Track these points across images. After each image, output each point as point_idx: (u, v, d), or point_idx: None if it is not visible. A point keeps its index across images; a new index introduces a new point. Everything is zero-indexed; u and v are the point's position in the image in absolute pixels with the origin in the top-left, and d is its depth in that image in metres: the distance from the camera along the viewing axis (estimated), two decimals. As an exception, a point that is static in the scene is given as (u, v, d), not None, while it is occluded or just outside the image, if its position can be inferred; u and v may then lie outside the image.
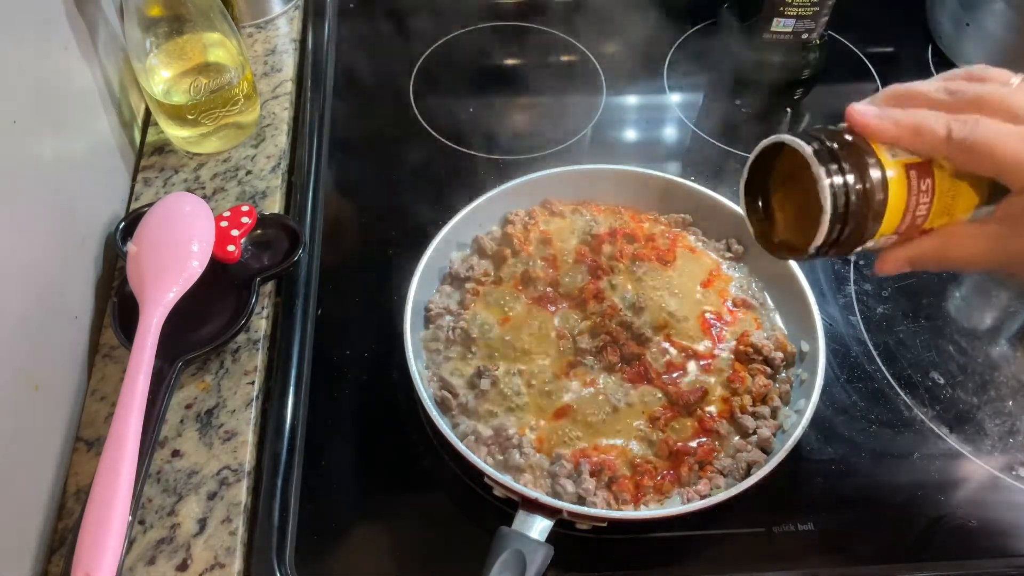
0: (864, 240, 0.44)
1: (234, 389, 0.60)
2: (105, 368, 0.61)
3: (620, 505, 0.54)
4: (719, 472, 0.56)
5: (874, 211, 0.43)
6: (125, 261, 0.61)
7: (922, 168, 0.43)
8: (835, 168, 0.42)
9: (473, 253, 0.68)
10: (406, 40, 0.92)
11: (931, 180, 0.43)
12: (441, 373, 0.60)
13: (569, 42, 0.93)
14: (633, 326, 0.62)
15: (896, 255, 0.46)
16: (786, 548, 0.56)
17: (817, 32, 0.84)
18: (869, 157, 0.42)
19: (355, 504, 0.58)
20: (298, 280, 0.67)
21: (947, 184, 0.44)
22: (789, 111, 0.88)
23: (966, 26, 0.89)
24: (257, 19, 0.87)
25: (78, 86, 0.65)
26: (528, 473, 0.55)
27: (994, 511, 0.59)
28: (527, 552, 0.49)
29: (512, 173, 0.71)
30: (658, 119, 0.87)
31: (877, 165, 0.42)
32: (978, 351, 0.68)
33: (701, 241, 0.69)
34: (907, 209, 0.43)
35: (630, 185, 0.71)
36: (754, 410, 0.59)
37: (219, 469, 0.56)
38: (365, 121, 0.84)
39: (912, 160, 0.43)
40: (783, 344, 0.62)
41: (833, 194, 0.42)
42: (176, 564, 0.52)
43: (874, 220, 0.43)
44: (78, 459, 0.56)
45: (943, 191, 0.44)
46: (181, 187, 0.72)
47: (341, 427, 0.62)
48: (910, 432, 0.63)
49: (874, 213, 0.43)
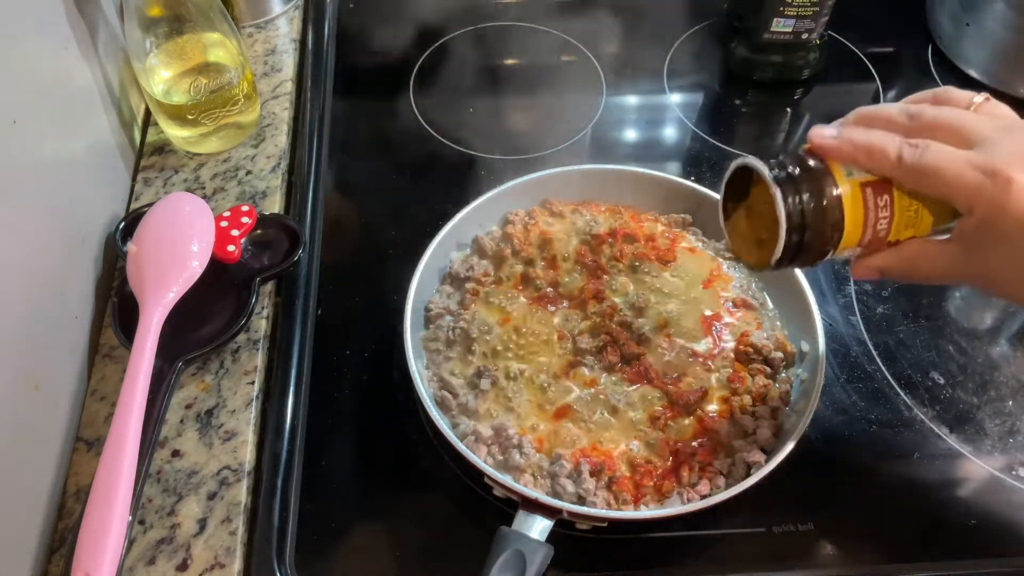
0: (827, 251, 0.47)
1: (234, 389, 0.60)
2: (105, 368, 0.61)
3: (620, 505, 0.54)
4: (719, 472, 0.56)
5: (830, 225, 0.46)
6: (125, 261, 0.61)
7: (878, 186, 0.46)
8: (790, 187, 0.46)
9: (473, 253, 0.68)
10: (406, 40, 0.92)
11: (889, 196, 0.46)
12: (441, 373, 0.60)
13: (569, 42, 0.93)
14: (633, 326, 0.62)
15: (866, 263, 0.49)
16: (786, 548, 0.56)
17: (817, 32, 0.84)
18: (825, 177, 0.46)
19: (355, 504, 0.58)
20: (298, 280, 0.67)
21: (906, 201, 0.46)
22: (789, 111, 0.88)
23: (966, 26, 0.89)
24: (257, 19, 0.87)
25: (78, 86, 0.65)
26: (528, 473, 0.55)
27: (994, 511, 0.59)
28: (527, 552, 0.49)
29: (512, 173, 0.71)
30: (658, 119, 0.87)
31: (832, 184, 0.46)
32: (978, 351, 0.68)
33: (701, 241, 0.69)
34: (866, 224, 0.46)
35: (630, 185, 0.71)
36: (754, 410, 0.59)
37: (219, 469, 0.56)
38: (365, 121, 0.84)
39: (868, 179, 0.46)
40: (783, 344, 0.62)
41: (788, 210, 0.45)
42: (176, 564, 0.52)
43: (833, 232, 0.46)
44: (78, 459, 0.56)
45: (903, 207, 0.46)
46: (181, 187, 0.72)
47: (341, 427, 0.62)
48: (910, 432, 0.63)
49: (831, 227, 0.46)
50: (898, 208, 0.46)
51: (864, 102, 0.87)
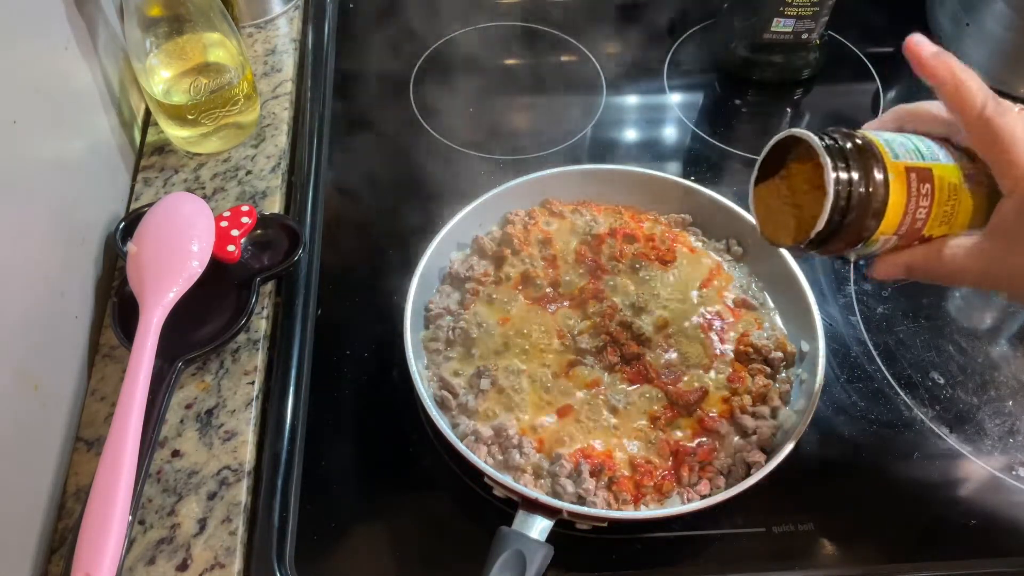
0: (863, 234, 0.46)
1: (234, 389, 0.60)
2: (105, 368, 0.61)
3: (620, 505, 0.54)
4: (719, 472, 0.56)
5: (874, 207, 0.45)
6: (125, 261, 0.61)
7: (923, 173, 0.45)
8: (842, 162, 0.44)
9: (473, 253, 0.68)
10: (406, 40, 0.92)
11: (931, 186, 0.45)
12: (441, 373, 0.60)
13: (569, 42, 0.93)
14: (633, 326, 0.62)
15: (893, 259, 0.48)
16: (786, 548, 0.56)
17: (817, 32, 0.84)
18: (874, 157, 0.45)
19: (355, 504, 0.58)
20: (298, 280, 0.67)
21: (946, 193, 0.46)
22: (789, 111, 0.88)
23: (966, 26, 0.89)
24: (257, 19, 0.87)
25: (78, 86, 0.65)
26: (528, 473, 0.55)
27: (994, 511, 0.59)
28: (527, 552, 0.49)
29: (512, 173, 0.71)
30: (658, 119, 0.87)
31: (881, 165, 0.44)
32: (978, 351, 0.68)
33: (701, 241, 0.69)
34: (906, 211, 0.45)
35: (630, 185, 0.71)
36: (754, 410, 0.59)
37: (219, 469, 0.56)
38: (365, 121, 0.84)
39: (914, 164, 0.45)
40: (783, 344, 0.62)
41: (837, 185, 0.44)
42: (176, 564, 0.52)
43: (874, 216, 0.45)
44: (78, 459, 0.56)
45: (942, 200, 0.46)
46: (181, 187, 0.72)
47: (341, 427, 0.62)
48: (910, 432, 0.63)
49: (874, 209, 0.45)
50: (937, 200, 0.45)
51: (864, 102, 0.88)
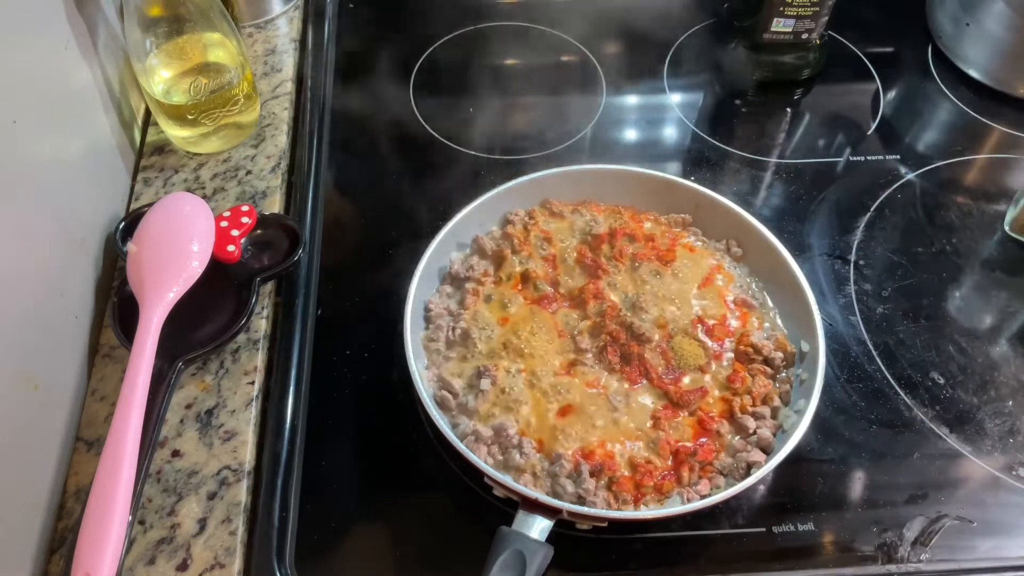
0: None
1: (234, 389, 0.60)
2: (105, 368, 0.61)
3: (620, 505, 0.54)
4: (719, 472, 0.56)
5: None
6: (125, 261, 0.61)
7: None
8: None
9: (473, 253, 0.68)
10: (406, 40, 0.92)
11: None
12: (441, 373, 0.60)
13: (569, 42, 0.93)
14: (633, 326, 0.62)
15: None
16: (786, 548, 0.56)
17: (817, 32, 0.84)
18: None
19: (355, 504, 0.58)
20: (298, 280, 0.67)
21: None
22: (789, 111, 0.88)
23: (966, 26, 0.89)
24: (257, 19, 0.87)
25: (78, 86, 0.65)
26: (528, 473, 0.55)
27: (994, 511, 0.59)
28: (527, 552, 0.49)
29: (512, 173, 0.71)
30: (658, 119, 0.87)
31: None
32: (978, 351, 0.68)
33: (701, 241, 0.69)
34: None
35: (630, 185, 0.71)
36: (754, 410, 0.59)
37: (219, 469, 0.56)
38: (365, 121, 0.84)
39: None
40: (783, 344, 0.62)
41: None
42: (176, 564, 0.52)
43: None
44: (78, 459, 0.56)
45: None
46: (181, 187, 0.72)
47: (341, 427, 0.62)
48: (910, 432, 0.63)
49: None
50: None
51: (864, 102, 0.88)
